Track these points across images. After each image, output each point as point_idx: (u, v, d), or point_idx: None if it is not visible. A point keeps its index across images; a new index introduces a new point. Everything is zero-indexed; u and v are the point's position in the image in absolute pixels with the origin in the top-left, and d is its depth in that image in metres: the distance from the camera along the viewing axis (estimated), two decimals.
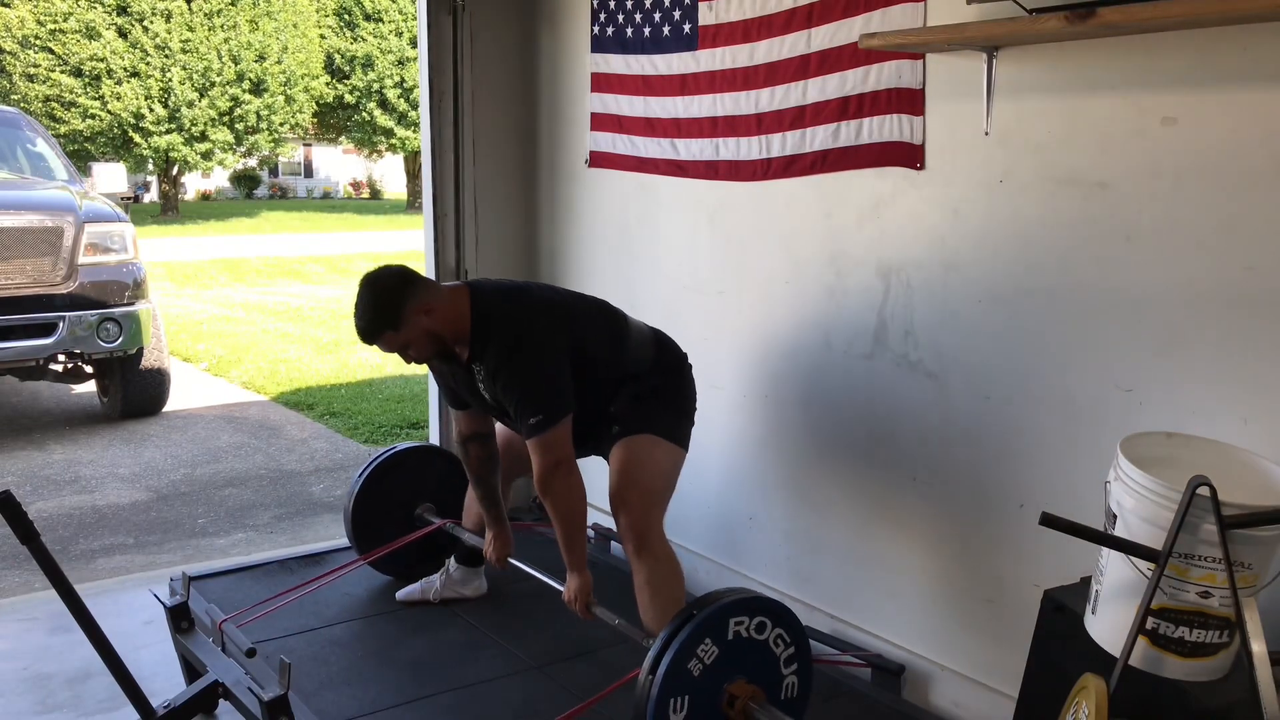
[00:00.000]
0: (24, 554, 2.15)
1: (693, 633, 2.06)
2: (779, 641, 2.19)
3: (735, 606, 2.12)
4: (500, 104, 3.87)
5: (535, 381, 2.45)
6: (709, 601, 2.12)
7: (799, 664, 2.24)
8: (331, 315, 10.97)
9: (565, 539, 2.52)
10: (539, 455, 2.44)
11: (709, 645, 2.08)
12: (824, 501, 2.94)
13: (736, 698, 2.10)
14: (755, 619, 2.14)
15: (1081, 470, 2.23)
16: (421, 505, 3.24)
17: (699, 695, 2.08)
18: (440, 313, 2.48)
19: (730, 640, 2.11)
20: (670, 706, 2.04)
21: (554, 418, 2.43)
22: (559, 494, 2.47)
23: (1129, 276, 2.14)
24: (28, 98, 21.69)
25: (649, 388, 2.64)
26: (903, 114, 2.55)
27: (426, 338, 2.48)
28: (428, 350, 2.52)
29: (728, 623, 2.11)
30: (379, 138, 29.26)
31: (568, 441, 2.46)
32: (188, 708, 2.39)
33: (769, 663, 2.19)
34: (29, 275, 5.74)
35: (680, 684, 2.05)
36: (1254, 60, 1.91)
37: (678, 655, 2.05)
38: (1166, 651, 1.68)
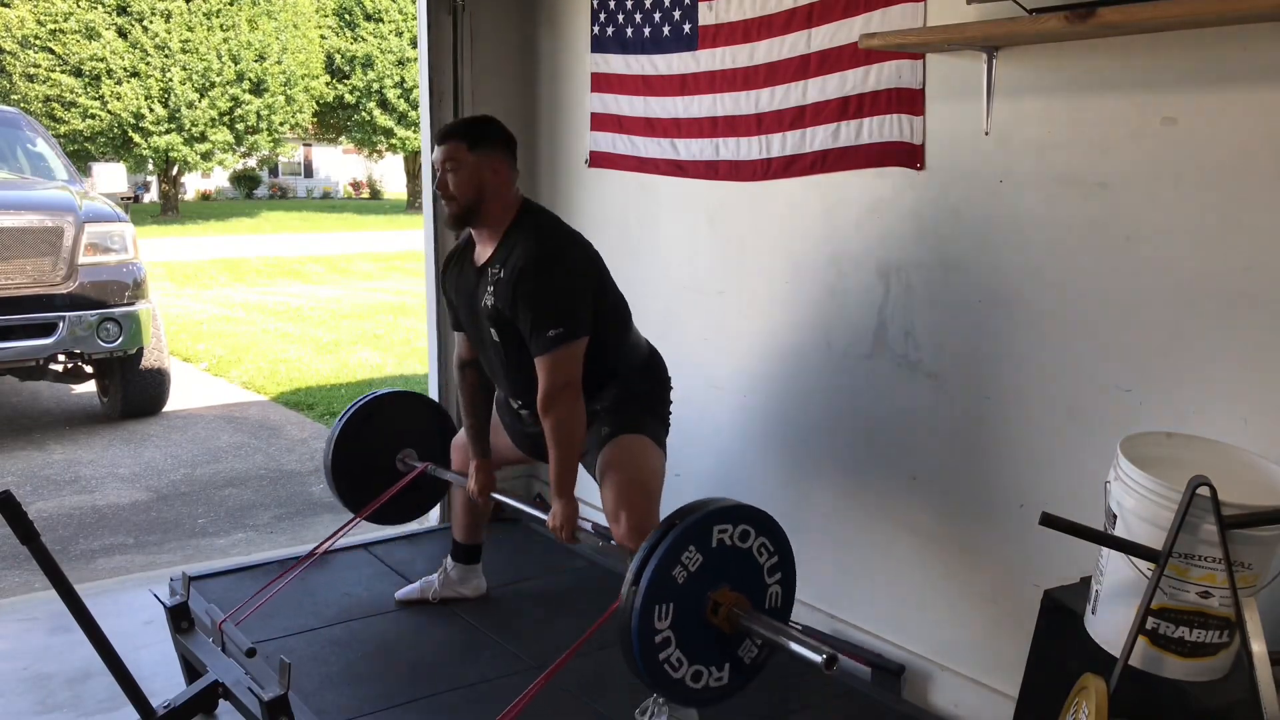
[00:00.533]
0: (24, 554, 2.15)
1: (677, 539, 2.03)
2: (762, 550, 2.16)
3: (719, 514, 2.09)
4: (500, 104, 3.87)
5: (563, 293, 2.43)
6: (692, 510, 2.09)
7: (783, 574, 2.21)
8: (331, 315, 10.97)
9: (559, 463, 2.48)
10: (549, 372, 2.41)
11: (693, 552, 2.05)
12: (824, 501, 2.94)
13: (721, 605, 2.07)
14: (739, 527, 2.12)
15: (1081, 470, 2.23)
16: (402, 451, 3.23)
17: (684, 602, 2.05)
18: (502, 183, 2.52)
19: (714, 548, 2.08)
20: (655, 613, 2.02)
21: (574, 334, 2.41)
22: (563, 415, 2.44)
23: (1129, 276, 2.14)
24: (28, 98, 21.70)
25: (637, 391, 2.62)
26: (903, 114, 2.55)
27: (476, 181, 2.49)
28: (467, 190, 2.49)
29: (711, 530, 2.08)
30: (379, 138, 29.27)
31: (579, 364, 2.44)
32: (188, 708, 2.39)
33: (753, 571, 2.16)
34: (29, 275, 5.74)
35: (665, 591, 2.03)
36: (1254, 60, 1.91)
37: (662, 562, 2.02)
38: (1166, 651, 1.68)
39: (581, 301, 2.46)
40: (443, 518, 4.02)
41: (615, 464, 2.52)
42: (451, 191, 2.52)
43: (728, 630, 2.09)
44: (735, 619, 2.08)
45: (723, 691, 2.15)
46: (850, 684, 2.70)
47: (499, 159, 2.52)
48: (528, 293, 2.42)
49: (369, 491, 3.17)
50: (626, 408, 2.59)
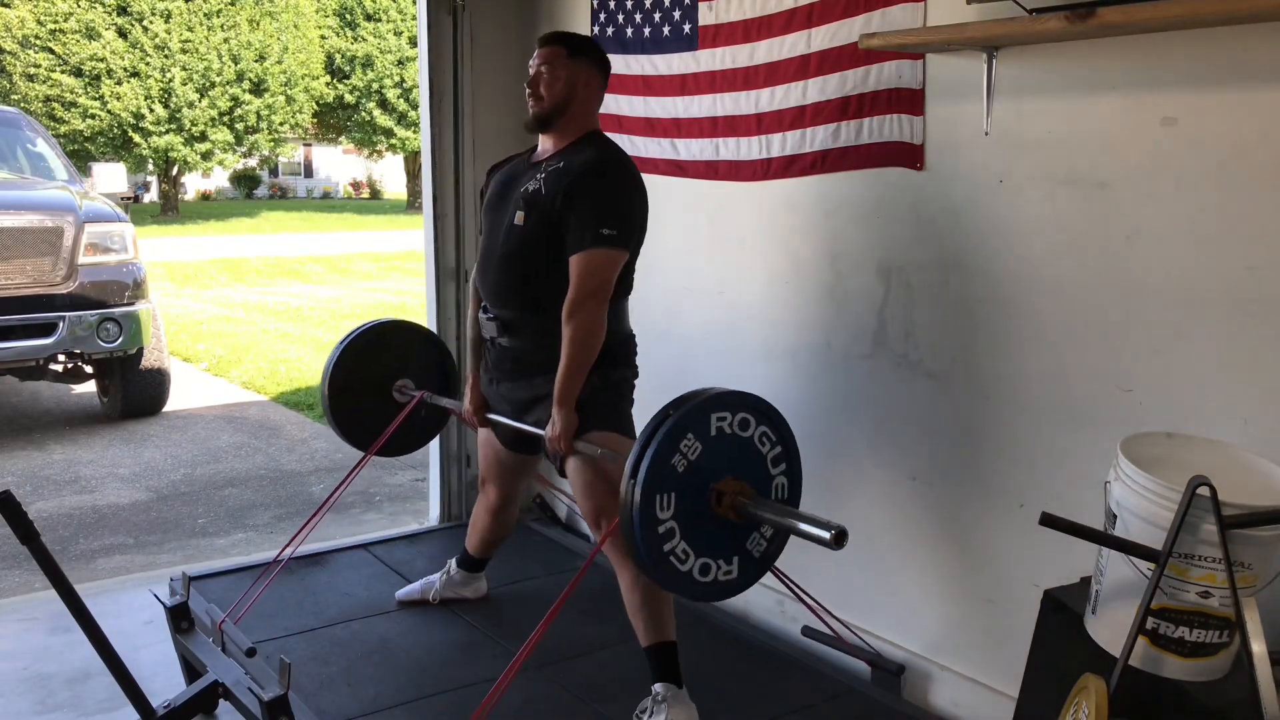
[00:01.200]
0: (24, 554, 2.15)
1: (674, 427, 1.96)
2: (764, 440, 2.10)
3: (716, 400, 2.02)
4: (500, 104, 3.87)
5: (625, 202, 2.44)
6: (688, 399, 2.02)
7: (788, 464, 2.14)
8: (331, 315, 10.97)
9: (572, 368, 2.40)
10: (586, 272, 2.37)
11: (691, 440, 1.98)
12: (824, 501, 2.93)
13: (724, 494, 2.01)
14: (738, 415, 2.05)
15: (1081, 470, 2.23)
16: (398, 381, 3.19)
17: (686, 491, 1.98)
18: (591, 96, 2.55)
19: (713, 436, 2.01)
20: (657, 503, 1.95)
21: (623, 240, 2.40)
22: (588, 320, 2.39)
23: (1129, 276, 2.14)
24: (28, 98, 21.70)
25: (610, 381, 2.55)
26: (903, 114, 2.55)
27: (567, 85, 2.50)
28: (555, 91, 2.50)
29: (709, 417, 2.01)
30: (379, 138, 29.27)
31: (614, 276, 2.42)
32: (188, 708, 2.39)
33: (756, 461, 2.09)
34: (29, 275, 5.74)
35: (665, 480, 1.96)
36: (1254, 60, 1.91)
37: (660, 450, 1.94)
38: (1167, 651, 1.68)
39: (637, 217, 2.47)
40: (443, 517, 4.02)
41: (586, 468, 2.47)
42: (541, 91, 2.52)
43: (734, 519, 2.02)
44: (741, 507, 2.00)
45: (732, 586, 2.08)
46: (850, 684, 2.70)
47: (594, 73, 2.54)
48: (593, 186, 2.41)
49: (369, 424, 3.13)
50: (602, 398, 2.51)
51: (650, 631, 2.45)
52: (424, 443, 3.41)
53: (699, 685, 2.51)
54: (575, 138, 2.53)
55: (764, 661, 2.84)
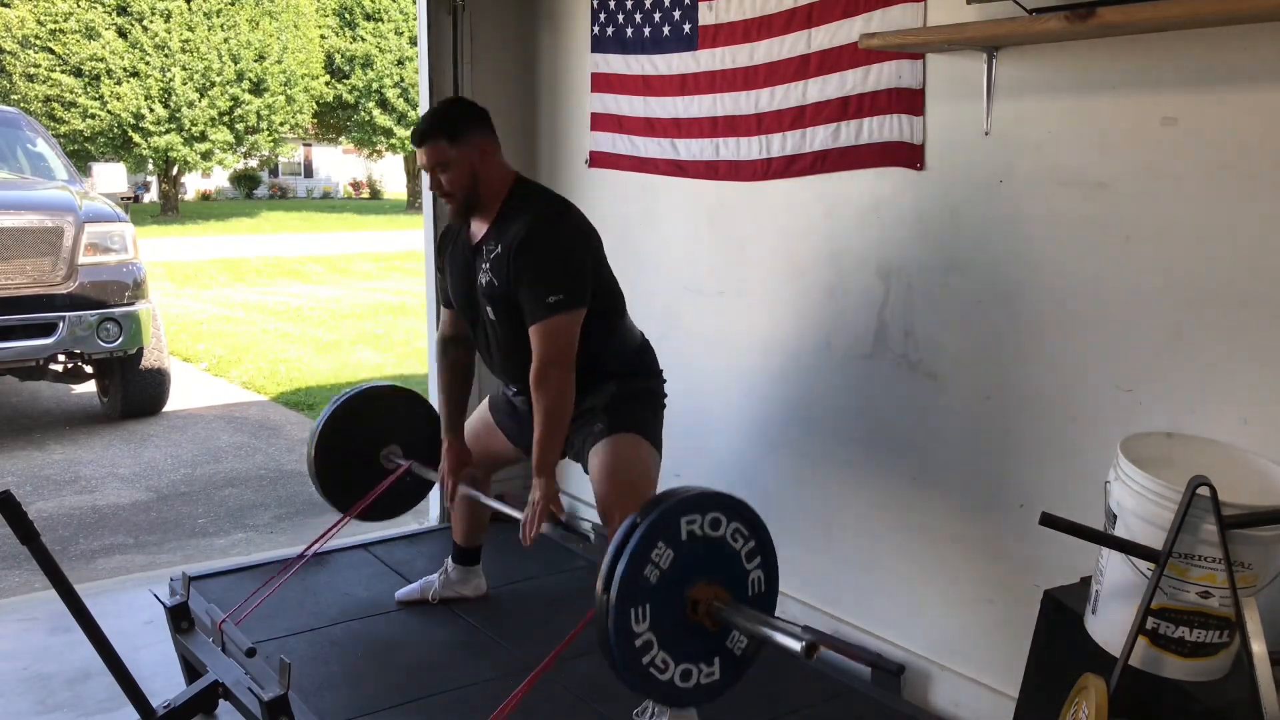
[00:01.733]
0: (24, 554, 2.15)
1: (643, 537, 1.94)
2: (737, 536, 2.06)
3: (684, 505, 1.99)
4: (500, 104, 3.86)
5: (562, 260, 2.40)
6: (656, 504, 2.00)
7: (762, 557, 2.11)
8: (331, 315, 10.97)
9: (546, 435, 2.42)
10: (545, 341, 2.38)
11: (662, 549, 1.95)
12: (824, 501, 2.94)
13: (699, 601, 1.98)
14: (708, 515, 2.01)
15: (1081, 470, 2.23)
16: (386, 448, 3.19)
17: (660, 602, 1.96)
18: (492, 162, 2.50)
19: (684, 541, 1.98)
20: (632, 617, 1.93)
21: (573, 301, 2.38)
22: (554, 388, 2.40)
23: (1129, 276, 2.14)
24: (28, 98, 21.70)
25: (633, 389, 2.59)
26: (903, 114, 2.55)
27: (468, 170, 2.47)
28: (461, 182, 2.47)
29: (679, 522, 1.98)
30: (379, 138, 29.27)
31: (575, 337, 2.41)
32: (188, 708, 2.39)
33: (730, 560, 2.05)
34: (29, 275, 5.74)
35: (638, 593, 1.93)
36: (1254, 60, 1.91)
37: (631, 563, 1.92)
38: (1167, 652, 1.68)
39: (581, 269, 2.44)
40: (442, 518, 4.02)
41: (608, 464, 2.50)
42: (448, 189, 2.50)
43: (710, 626, 2.01)
44: (716, 613, 1.99)
45: (716, 688, 2.07)
46: (850, 684, 2.69)
47: (481, 139, 2.49)
48: (528, 261, 2.39)
49: (353, 489, 3.13)
50: (622, 406, 2.56)
51: None
52: (408, 508, 3.36)
53: None
54: (498, 206, 2.51)
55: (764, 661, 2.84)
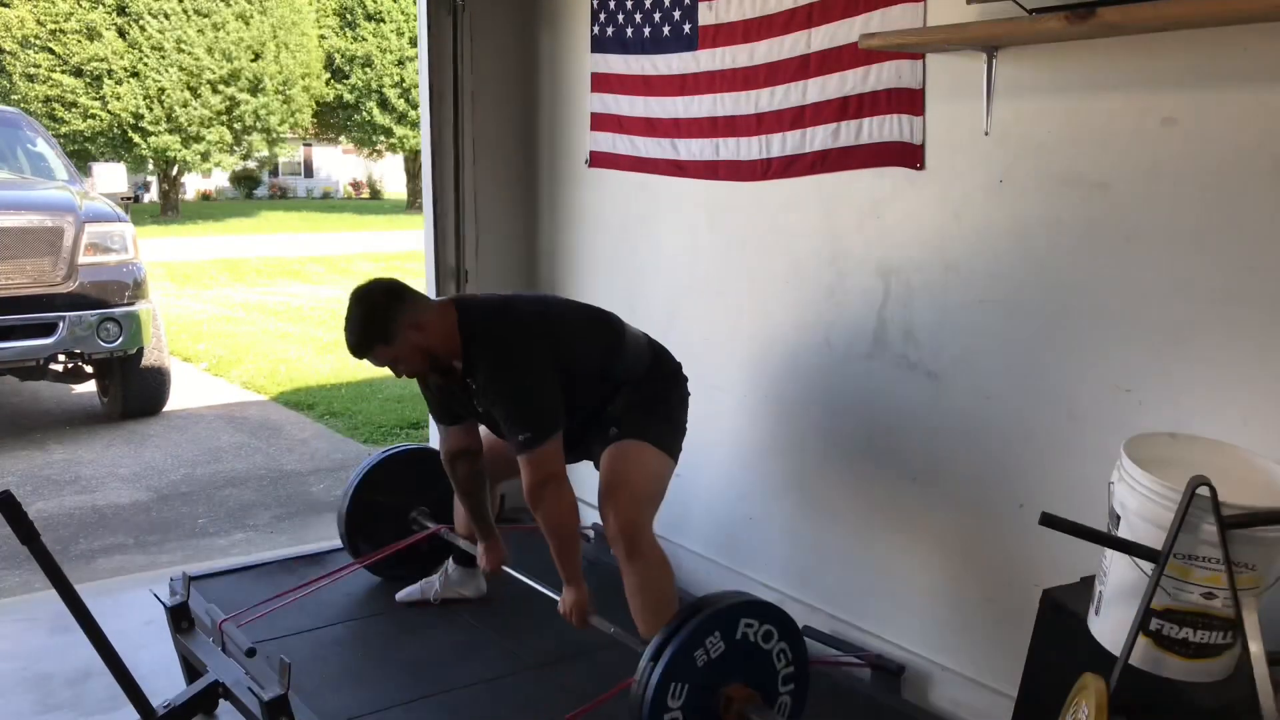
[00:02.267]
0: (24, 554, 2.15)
1: (704, 622, 2.05)
2: (781, 656, 2.18)
3: (749, 608, 2.12)
4: (500, 104, 3.87)
5: (522, 399, 2.44)
6: (722, 599, 2.11)
7: (796, 685, 2.22)
8: (331, 315, 10.97)
9: (558, 553, 2.51)
10: (528, 471, 2.43)
11: (716, 639, 2.07)
12: (824, 501, 2.94)
13: (733, 700, 2.09)
14: (764, 626, 2.13)
15: (1082, 470, 2.23)
16: (416, 509, 3.23)
17: (698, 688, 2.06)
18: (431, 328, 2.47)
19: (737, 640, 2.10)
20: (670, 691, 2.03)
21: (542, 435, 2.41)
22: (549, 509, 2.46)
23: (1129, 276, 2.14)
24: (28, 98, 21.70)
25: (645, 396, 2.62)
26: (903, 114, 2.55)
27: (417, 353, 2.47)
28: (419, 364, 2.50)
29: (738, 622, 2.09)
30: (379, 137, 29.27)
31: (558, 457, 2.45)
32: (188, 708, 2.39)
33: (768, 675, 2.17)
34: (29, 275, 5.74)
35: (683, 670, 2.04)
36: (1254, 60, 1.91)
37: (686, 642, 2.03)
38: (1170, 653, 1.68)
39: (542, 398, 2.45)
40: None
41: (608, 466, 2.54)
42: (411, 373, 2.54)
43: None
44: (746, 716, 2.09)
45: None
46: (850, 684, 2.69)
47: (406, 320, 2.44)
48: (494, 404, 2.46)
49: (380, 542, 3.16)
50: (634, 412, 2.59)
51: (652, 632, 2.45)
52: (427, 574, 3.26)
53: None
54: (459, 353, 2.51)
55: None
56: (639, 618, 2.51)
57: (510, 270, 3.94)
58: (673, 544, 3.33)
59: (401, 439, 6.13)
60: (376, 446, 5.86)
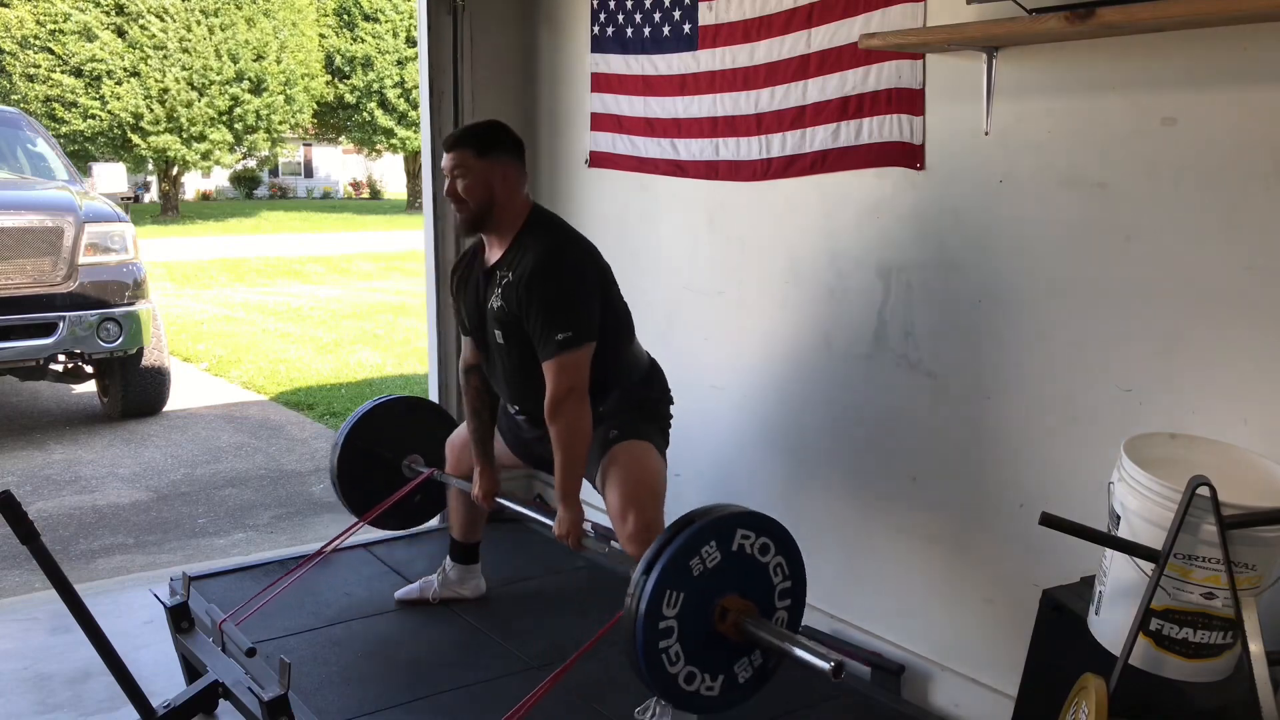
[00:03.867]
0: (24, 554, 2.15)
1: (700, 530, 2.02)
2: (778, 570, 2.13)
3: (744, 517, 2.08)
4: (500, 104, 3.87)
5: (571, 297, 2.43)
6: (717, 509, 2.08)
7: (793, 600, 2.18)
8: (332, 315, 10.97)
9: (565, 467, 2.47)
10: (556, 377, 2.41)
11: (713, 548, 2.03)
12: (824, 501, 2.94)
13: (729, 611, 2.05)
14: (761, 538, 2.09)
15: (1081, 470, 2.23)
16: (408, 457, 3.23)
17: (693, 597, 2.02)
18: (512, 189, 2.52)
19: (733, 551, 2.06)
20: (665, 599, 1.99)
21: (581, 338, 2.41)
22: (570, 419, 2.43)
23: (1129, 276, 2.14)
24: (28, 98, 21.70)
25: (640, 399, 2.63)
26: (903, 114, 2.55)
27: (486, 188, 2.49)
28: (477, 196, 2.49)
29: (735, 532, 2.06)
30: (379, 138, 29.27)
31: (587, 370, 2.43)
32: (188, 708, 2.39)
33: (765, 588, 2.12)
34: (29, 275, 5.74)
35: (679, 578, 2.00)
36: (1254, 60, 1.91)
37: (682, 548, 2.00)
38: (1170, 653, 1.68)
39: (589, 306, 2.46)
40: (442, 518, 4.02)
41: (621, 467, 2.52)
42: (461, 197, 2.52)
43: (732, 637, 2.07)
44: (741, 625, 2.05)
45: (709, 703, 2.12)
46: (850, 684, 2.69)
47: (508, 164, 2.52)
48: (537, 296, 2.43)
49: (374, 496, 3.18)
50: (629, 413, 2.59)
51: None
52: (431, 516, 3.39)
53: None
54: (513, 232, 2.53)
55: None
56: None
57: None
58: None
59: None
60: None
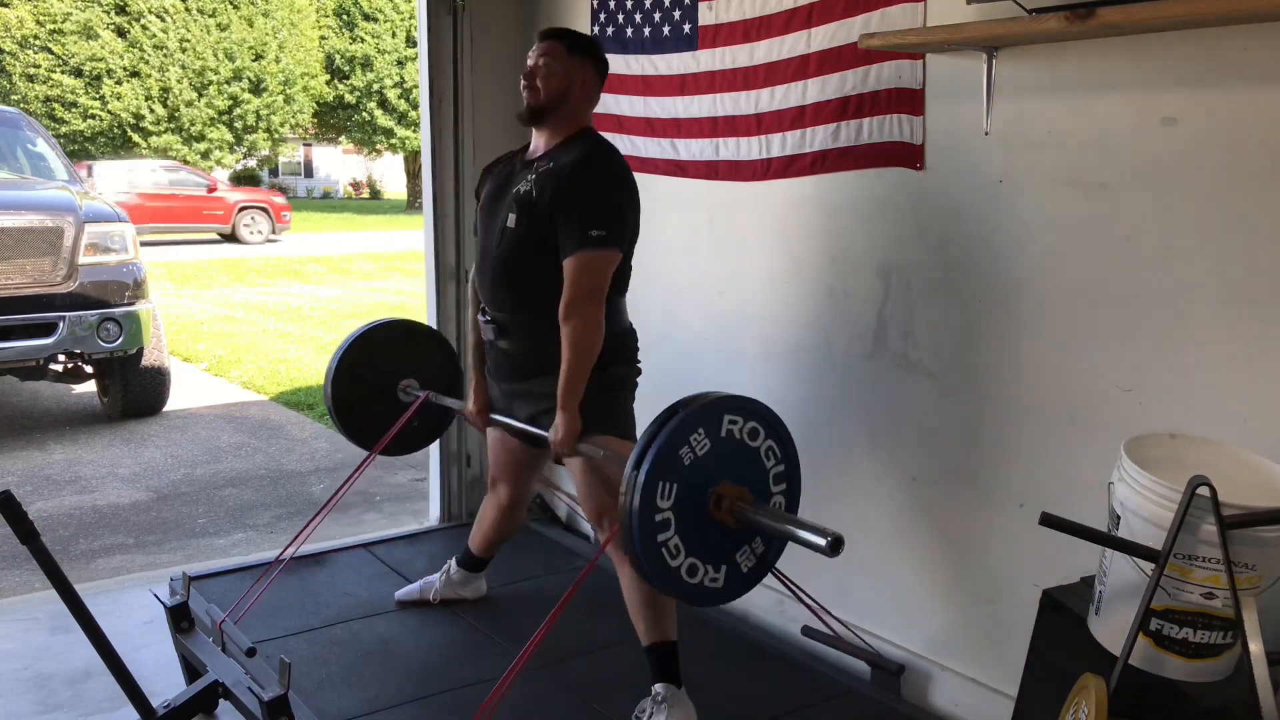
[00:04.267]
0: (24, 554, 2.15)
1: (687, 419, 1.97)
2: (770, 454, 2.10)
3: (731, 402, 2.04)
4: (500, 104, 3.87)
5: (615, 201, 2.41)
6: (703, 396, 2.04)
7: (788, 484, 2.14)
8: (332, 315, 10.97)
9: (571, 371, 2.39)
10: (579, 275, 2.36)
11: (701, 436, 1.99)
12: (823, 501, 2.93)
13: (724, 497, 2.01)
14: (749, 423, 2.05)
15: (1082, 470, 2.23)
16: (403, 381, 3.18)
17: (687, 486, 1.99)
18: (584, 96, 2.53)
19: (723, 437, 2.02)
20: (659, 491, 1.95)
21: (615, 240, 2.38)
22: (585, 320, 2.37)
23: (1129, 276, 2.14)
24: (28, 98, 21.70)
25: (611, 379, 2.54)
26: (903, 114, 2.55)
27: (563, 80, 2.49)
28: (551, 84, 2.49)
29: (722, 418, 2.02)
30: (379, 137, 29.27)
31: (609, 274, 2.40)
32: (188, 708, 2.39)
33: (759, 473, 2.09)
34: (29, 275, 5.74)
35: (670, 469, 1.96)
36: (1254, 60, 1.91)
37: (670, 438, 1.95)
38: (1170, 653, 1.68)
39: (628, 216, 2.45)
40: (443, 518, 4.02)
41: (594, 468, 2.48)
42: (537, 83, 2.51)
43: (731, 524, 2.02)
44: (740, 511, 2.00)
45: (715, 595, 2.08)
46: (850, 684, 2.70)
47: (590, 73, 2.53)
48: (580, 187, 2.39)
49: (373, 422, 3.12)
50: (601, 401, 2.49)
51: (651, 631, 2.45)
52: (428, 442, 3.42)
53: (699, 685, 2.51)
54: (566, 135, 2.51)
55: (764, 661, 2.84)
56: (638, 614, 2.47)
57: None
58: None
59: None
60: None
